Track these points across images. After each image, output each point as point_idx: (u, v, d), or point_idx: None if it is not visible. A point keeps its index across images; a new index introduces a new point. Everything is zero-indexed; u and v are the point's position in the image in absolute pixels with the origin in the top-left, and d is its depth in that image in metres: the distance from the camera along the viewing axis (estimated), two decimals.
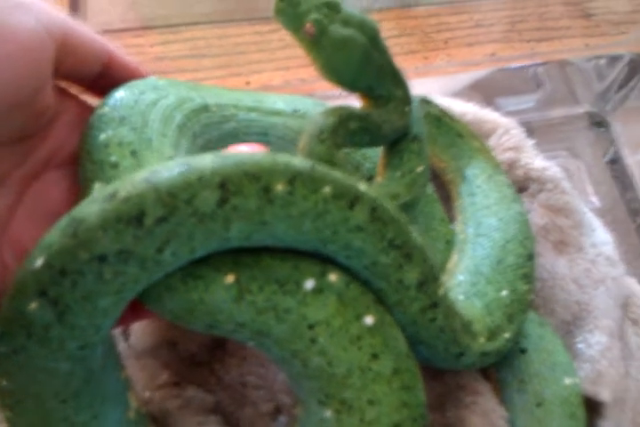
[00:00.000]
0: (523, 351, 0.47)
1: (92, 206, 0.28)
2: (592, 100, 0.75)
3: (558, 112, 0.75)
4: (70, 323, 0.28)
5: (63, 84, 0.40)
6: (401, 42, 0.75)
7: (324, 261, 0.34)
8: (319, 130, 0.39)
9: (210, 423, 0.42)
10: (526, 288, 0.46)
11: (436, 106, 0.55)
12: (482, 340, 0.41)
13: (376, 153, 0.49)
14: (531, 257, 0.48)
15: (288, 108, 0.48)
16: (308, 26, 0.39)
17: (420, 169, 0.44)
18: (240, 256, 0.33)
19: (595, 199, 0.71)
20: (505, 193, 0.51)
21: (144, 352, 0.46)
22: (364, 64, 0.41)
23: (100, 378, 0.33)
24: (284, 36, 0.72)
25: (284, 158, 0.31)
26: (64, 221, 0.28)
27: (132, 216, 0.27)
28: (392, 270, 0.35)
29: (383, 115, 0.42)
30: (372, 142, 0.44)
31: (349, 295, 0.34)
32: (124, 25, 0.71)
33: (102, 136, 0.36)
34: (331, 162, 0.39)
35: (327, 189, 0.31)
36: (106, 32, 0.69)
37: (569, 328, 0.50)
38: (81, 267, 0.27)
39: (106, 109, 0.37)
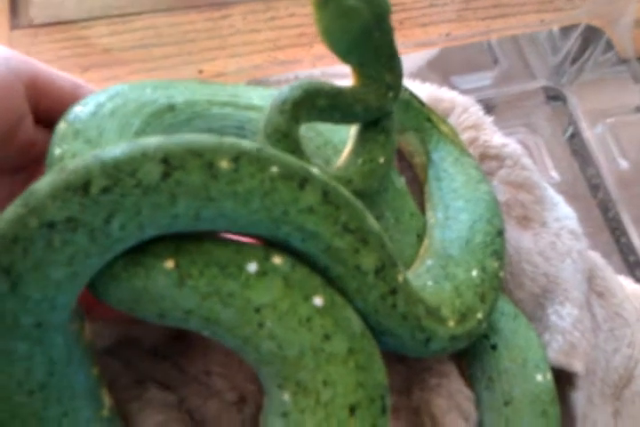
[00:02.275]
0: (493, 347, 0.46)
1: (45, 179, 0.29)
2: (547, 74, 0.75)
3: (515, 88, 0.75)
4: (23, 294, 0.29)
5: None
6: None
7: (270, 244, 0.34)
8: (282, 101, 0.39)
9: (172, 422, 0.41)
10: (497, 265, 0.46)
11: (405, 89, 0.54)
12: (451, 323, 0.41)
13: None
14: (500, 233, 0.47)
15: (264, 103, 0.47)
16: None
17: (381, 160, 0.44)
18: (183, 242, 0.33)
19: (555, 174, 0.72)
20: (471, 175, 0.51)
21: (105, 351, 0.45)
22: (361, 38, 0.41)
23: (66, 371, 0.33)
24: (235, 21, 0.73)
25: (230, 139, 0.32)
26: (20, 195, 0.29)
27: (79, 185, 0.28)
28: (348, 255, 0.35)
29: (360, 93, 0.42)
30: (342, 120, 0.43)
31: (295, 277, 0.34)
32: (70, 17, 0.69)
33: (57, 151, 0.36)
34: (287, 134, 0.39)
35: (274, 169, 0.32)
36: (50, 25, 0.68)
37: (539, 300, 0.50)
38: (31, 234, 0.28)
39: (62, 126, 0.38)
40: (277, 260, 0.34)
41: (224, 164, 0.31)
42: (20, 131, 0.38)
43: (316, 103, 0.40)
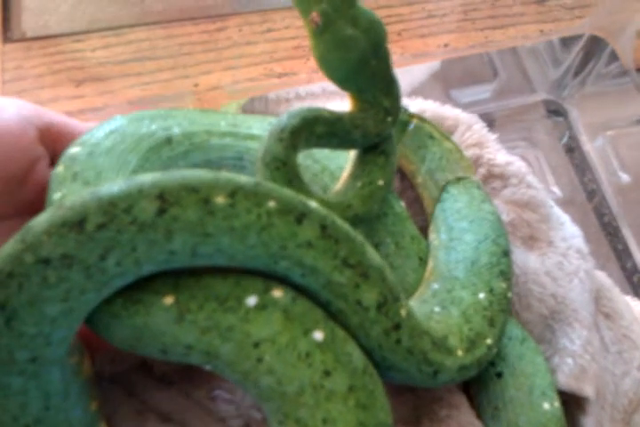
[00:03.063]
0: (498, 375, 0.45)
1: (42, 216, 0.29)
2: (548, 87, 0.75)
3: (515, 101, 0.74)
4: (18, 329, 0.28)
5: None
6: None
7: (270, 278, 0.34)
8: (280, 129, 0.39)
9: None
10: (504, 286, 0.45)
11: (404, 111, 0.54)
12: (459, 353, 0.40)
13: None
14: (506, 253, 0.47)
15: (263, 132, 0.47)
16: (315, 15, 0.39)
17: (380, 183, 0.44)
18: (181, 278, 0.33)
19: (556, 189, 0.71)
20: (474, 195, 0.50)
21: (109, 378, 0.44)
22: (358, 67, 0.41)
23: (62, 406, 0.32)
24: (231, 34, 0.71)
25: (227, 175, 0.32)
26: (18, 232, 0.29)
27: (75, 222, 0.28)
28: (348, 290, 0.34)
29: (358, 119, 0.42)
30: (341, 146, 0.43)
31: (296, 311, 0.33)
32: (62, 30, 0.67)
33: (56, 195, 0.36)
34: (285, 162, 0.39)
35: (272, 204, 0.32)
36: (43, 39, 0.67)
37: (547, 322, 0.49)
38: (26, 269, 0.28)
39: (60, 168, 0.38)
40: (277, 293, 0.33)
41: (220, 199, 0.31)
42: (35, 172, 0.40)
43: (314, 130, 0.40)
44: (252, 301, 0.33)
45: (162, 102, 0.66)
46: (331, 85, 0.43)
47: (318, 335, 0.33)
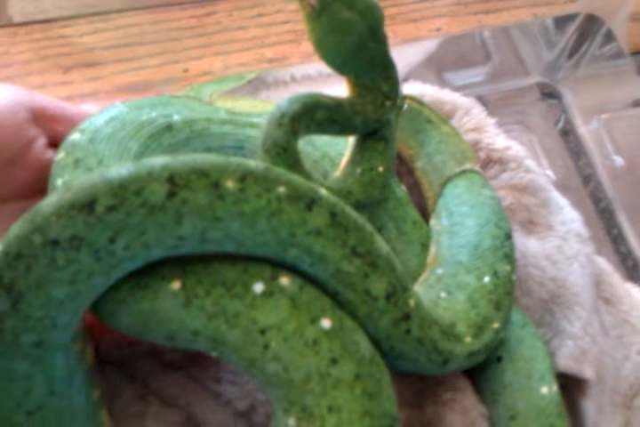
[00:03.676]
0: (498, 360, 0.44)
1: (50, 197, 0.29)
2: (542, 69, 0.74)
3: (508, 84, 0.73)
4: (24, 312, 0.29)
5: None
6: None
7: (278, 265, 0.34)
8: (280, 114, 0.39)
9: None
10: (508, 269, 0.45)
11: (404, 96, 0.53)
12: (468, 339, 0.40)
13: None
14: (508, 236, 0.46)
15: (263, 120, 0.46)
16: None
17: (380, 169, 0.44)
18: (189, 263, 0.33)
19: (550, 173, 0.70)
20: (473, 180, 0.50)
21: (111, 364, 0.44)
22: (356, 51, 0.41)
23: (66, 392, 0.32)
24: (220, 19, 0.70)
25: (237, 159, 0.32)
26: (26, 213, 0.29)
27: (84, 203, 0.28)
28: (357, 280, 0.34)
29: (358, 105, 0.42)
30: (341, 132, 0.43)
31: (303, 299, 0.33)
32: (50, 15, 0.67)
33: (59, 182, 0.36)
34: (286, 148, 0.39)
35: (282, 189, 0.32)
36: (30, 24, 0.66)
37: (547, 306, 0.49)
38: (35, 251, 0.28)
39: (62, 155, 0.38)
40: (285, 280, 0.33)
41: (230, 183, 0.31)
42: (31, 153, 0.40)
43: (314, 116, 0.40)
44: (259, 287, 0.33)
45: (151, 88, 0.65)
46: (326, 68, 0.42)
47: (326, 323, 0.33)
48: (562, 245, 0.50)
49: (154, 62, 0.67)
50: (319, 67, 0.65)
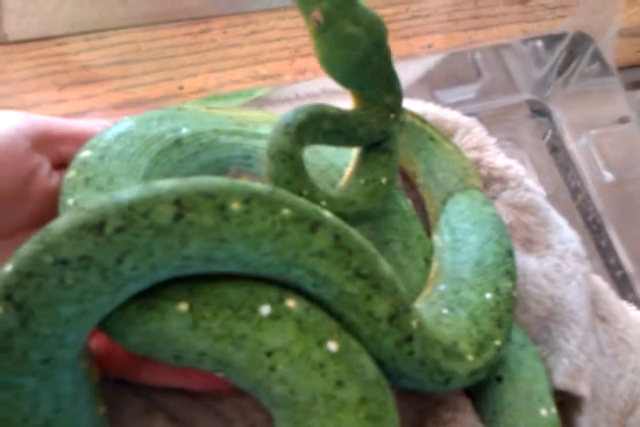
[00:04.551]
0: (498, 379, 0.45)
1: (61, 218, 0.30)
2: (532, 87, 0.75)
3: (499, 102, 0.74)
4: (33, 330, 0.29)
5: None
6: None
7: (284, 287, 0.34)
8: (286, 123, 0.39)
9: None
10: (510, 285, 0.45)
11: (405, 111, 0.54)
12: (470, 358, 0.40)
13: None
14: (510, 253, 0.47)
15: (270, 131, 0.46)
16: (316, 14, 0.39)
17: (383, 180, 0.44)
18: (196, 284, 0.33)
19: (540, 189, 0.71)
20: (475, 196, 0.51)
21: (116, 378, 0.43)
22: (361, 65, 0.41)
23: (72, 409, 0.33)
24: (215, 36, 0.71)
25: (242, 182, 0.32)
26: (37, 233, 0.30)
27: (94, 224, 0.29)
28: (360, 301, 0.35)
29: (363, 117, 0.42)
30: (346, 143, 0.44)
31: (309, 321, 0.34)
32: (45, 33, 0.66)
33: (70, 201, 0.37)
34: (291, 156, 0.39)
35: (286, 211, 0.32)
36: (25, 42, 0.66)
37: (545, 323, 0.49)
38: (45, 270, 0.28)
39: (72, 173, 0.38)
40: (291, 303, 0.34)
41: (236, 205, 0.31)
42: (36, 183, 0.40)
43: (320, 126, 0.40)
44: (265, 310, 0.33)
45: (147, 105, 0.65)
46: (330, 84, 0.43)
47: (332, 346, 0.33)
48: (560, 263, 0.51)
49: (149, 80, 0.67)
50: (323, 84, 0.65)
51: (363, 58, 0.40)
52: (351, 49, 0.40)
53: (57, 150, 0.42)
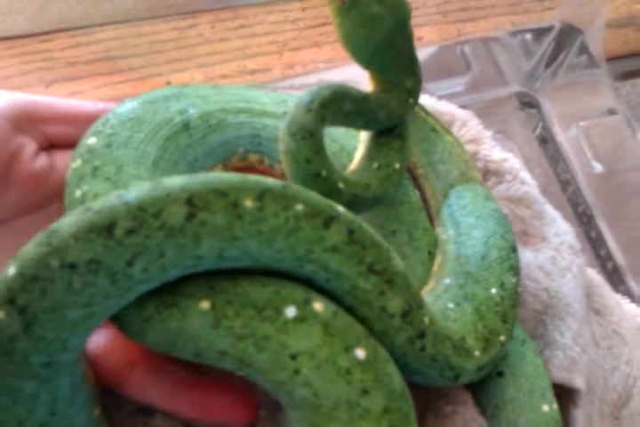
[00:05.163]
0: (500, 375, 0.45)
1: (68, 219, 0.29)
2: (521, 79, 0.75)
3: (488, 94, 0.74)
4: (36, 334, 0.28)
5: None
6: (328, 30, 0.72)
7: (309, 288, 0.34)
8: (309, 100, 0.38)
9: None
10: (514, 280, 0.45)
11: None
12: (477, 353, 0.40)
13: None
14: (514, 249, 0.47)
15: (277, 109, 0.47)
16: None
17: (397, 166, 0.44)
18: (216, 281, 0.32)
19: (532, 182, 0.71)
20: (477, 191, 0.51)
21: None
22: (383, 46, 0.40)
23: (68, 412, 0.32)
24: (202, 31, 0.70)
25: (254, 177, 0.31)
26: (41, 233, 0.29)
27: (104, 227, 0.28)
28: (373, 297, 0.34)
29: (382, 100, 0.42)
30: (365, 126, 0.43)
31: (337, 326, 0.33)
32: (30, 30, 0.66)
33: (78, 192, 0.36)
34: (312, 133, 0.38)
35: (299, 207, 0.31)
36: (10, 39, 0.65)
37: (540, 317, 0.50)
38: (51, 274, 0.28)
39: (78, 163, 0.37)
40: (318, 305, 0.33)
41: (248, 202, 0.30)
42: (19, 166, 0.38)
43: (342, 106, 0.40)
44: (290, 312, 0.32)
45: None
46: (327, 73, 0.42)
47: (360, 353, 0.33)
48: (555, 256, 0.51)
49: (136, 75, 0.67)
50: (321, 76, 0.65)
51: (385, 38, 0.40)
52: (374, 29, 0.40)
53: (41, 130, 0.41)
